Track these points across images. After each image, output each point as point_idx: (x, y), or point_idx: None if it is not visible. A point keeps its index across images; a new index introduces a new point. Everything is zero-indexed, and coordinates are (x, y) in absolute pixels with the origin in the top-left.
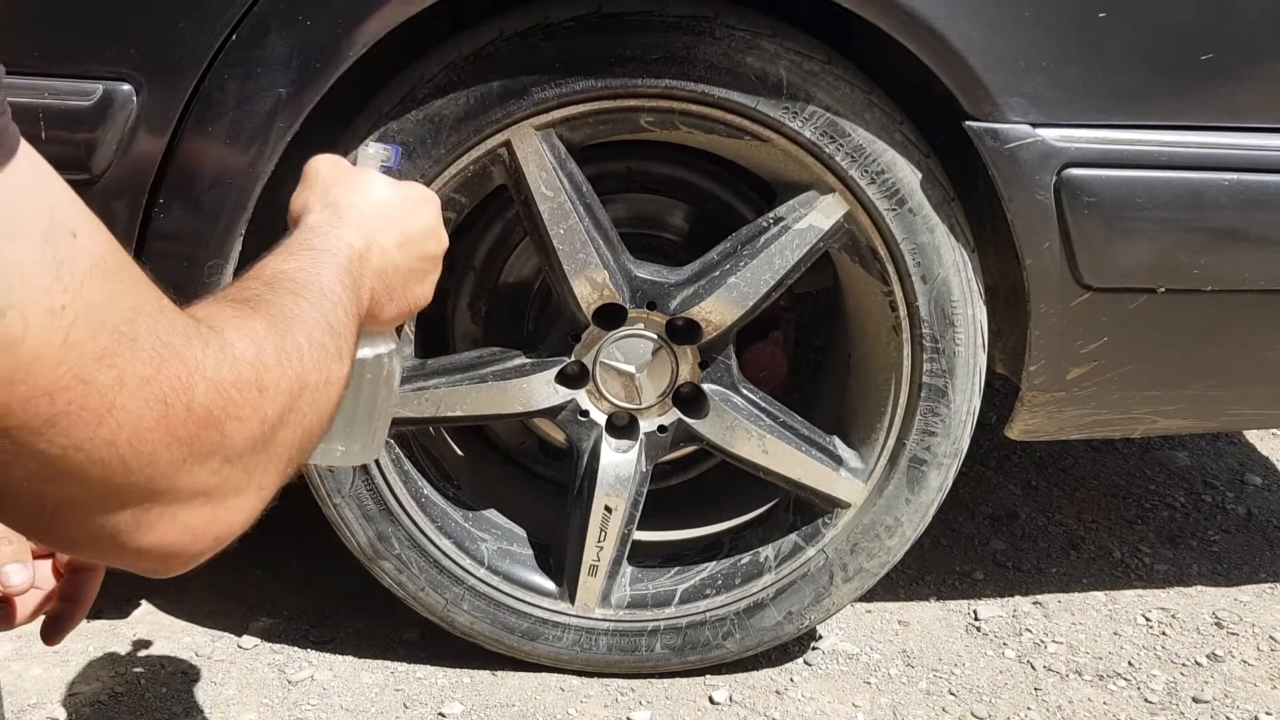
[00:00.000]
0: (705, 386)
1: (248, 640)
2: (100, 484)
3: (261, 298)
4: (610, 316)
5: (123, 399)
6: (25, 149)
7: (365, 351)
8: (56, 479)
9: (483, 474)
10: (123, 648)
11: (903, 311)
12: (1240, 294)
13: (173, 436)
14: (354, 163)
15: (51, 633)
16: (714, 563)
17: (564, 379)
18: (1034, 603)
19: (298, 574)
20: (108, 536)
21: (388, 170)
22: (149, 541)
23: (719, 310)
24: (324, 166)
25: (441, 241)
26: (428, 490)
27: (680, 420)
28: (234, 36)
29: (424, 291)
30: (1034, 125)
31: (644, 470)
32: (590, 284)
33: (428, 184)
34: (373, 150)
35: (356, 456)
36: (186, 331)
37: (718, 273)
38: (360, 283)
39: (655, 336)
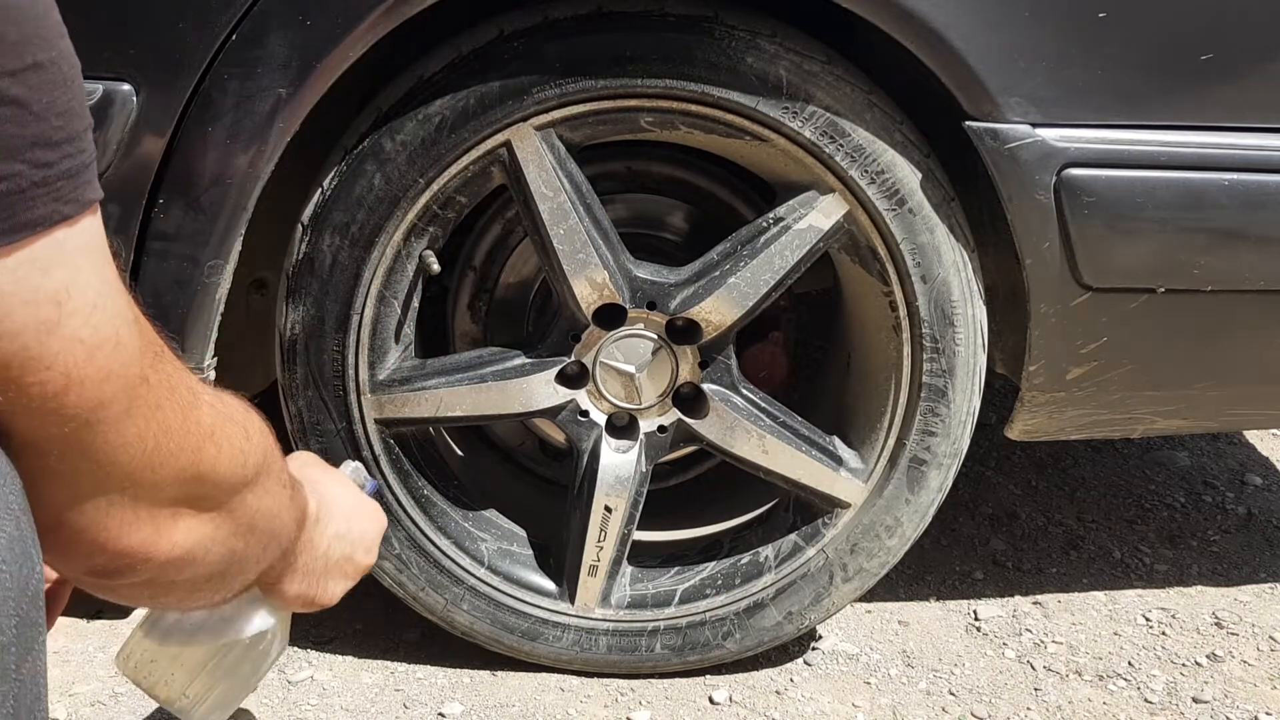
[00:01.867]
0: (705, 386)
1: None
2: (127, 477)
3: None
4: (610, 316)
5: (164, 399)
6: None
7: (257, 624)
8: (93, 473)
9: (483, 474)
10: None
11: (903, 311)
12: (1240, 294)
13: (186, 440)
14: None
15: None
16: (714, 563)
17: (564, 379)
18: (1034, 603)
19: None
20: (106, 535)
21: (361, 489)
22: (128, 543)
23: (719, 310)
24: (309, 456)
25: (371, 555)
26: (427, 490)
27: (680, 420)
28: (234, 36)
29: (335, 589)
30: (1034, 125)
31: (644, 470)
32: (590, 284)
33: (427, 185)
34: (355, 466)
35: (190, 704)
36: (186, 370)
37: (718, 273)
38: (296, 519)
39: (655, 336)
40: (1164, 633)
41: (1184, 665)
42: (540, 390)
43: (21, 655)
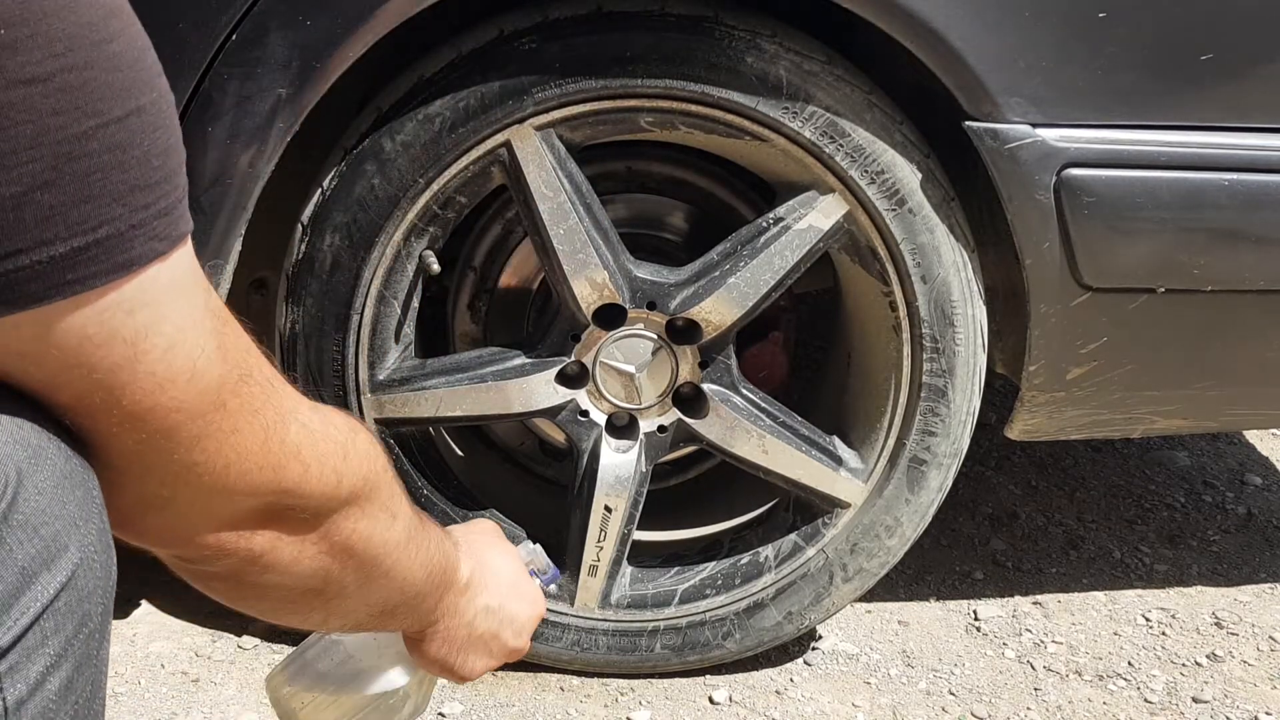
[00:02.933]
0: (705, 386)
1: (248, 640)
2: (204, 491)
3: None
4: (610, 317)
5: (242, 423)
6: None
7: (386, 681)
8: (172, 483)
9: (483, 474)
10: (123, 648)
11: (903, 311)
12: (1240, 294)
13: (266, 462)
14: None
15: None
16: (714, 563)
17: (564, 379)
18: (1034, 603)
19: None
20: (180, 531)
21: (533, 574)
22: (201, 540)
23: (719, 310)
24: (488, 525)
25: (521, 639)
26: (427, 491)
27: (680, 420)
28: (234, 36)
29: (475, 665)
30: (1034, 125)
31: (644, 470)
32: (590, 284)
33: (427, 185)
34: (535, 551)
35: None
36: (281, 380)
37: (718, 273)
38: (442, 582)
39: (655, 336)
40: (1164, 633)
41: (1184, 665)
42: (540, 390)
43: (101, 642)
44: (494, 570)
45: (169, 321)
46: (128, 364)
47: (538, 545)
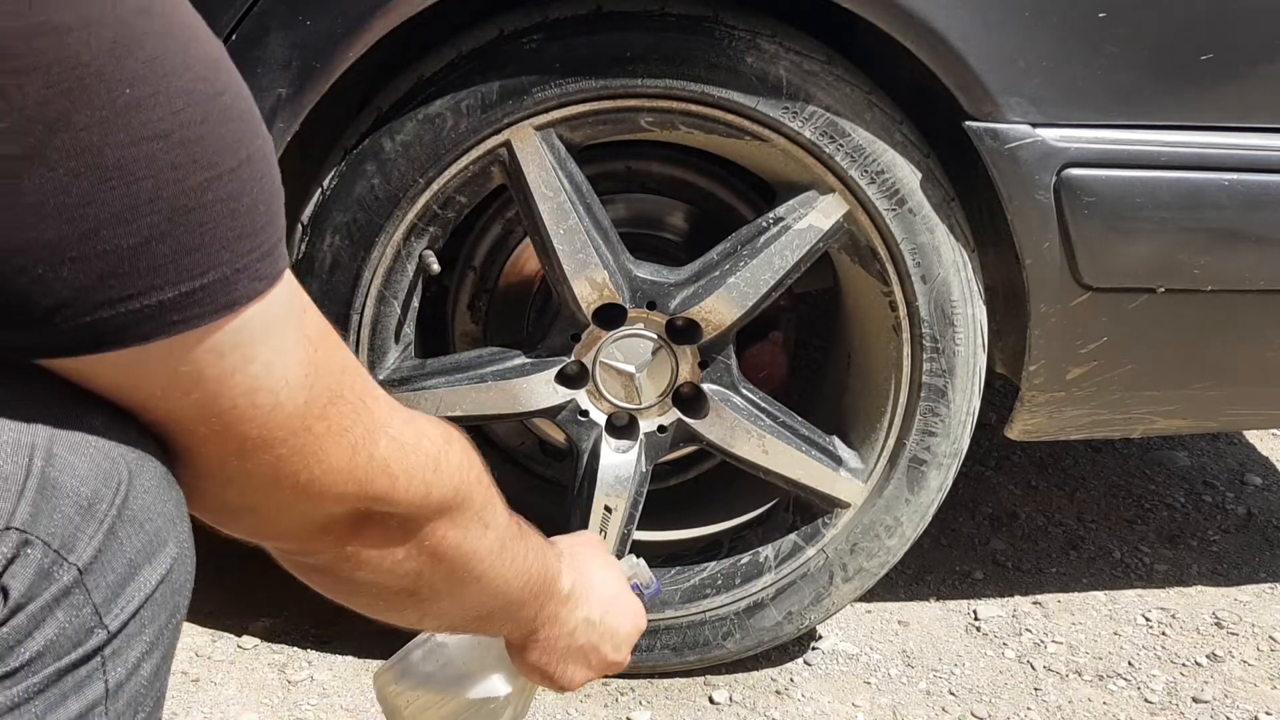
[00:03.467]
0: (705, 386)
1: (248, 640)
2: (289, 500)
3: (481, 460)
4: (610, 316)
5: (327, 444)
6: None
7: (488, 687)
8: (254, 493)
9: None
10: None
11: (902, 311)
12: (1240, 294)
13: (352, 475)
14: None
15: None
16: (714, 563)
17: (564, 379)
18: (1034, 603)
19: None
20: (268, 532)
21: (636, 587)
22: (291, 538)
23: (719, 310)
24: (592, 538)
25: (621, 653)
26: None
27: (680, 420)
28: (234, 36)
29: (573, 676)
30: (1034, 125)
31: (644, 470)
32: (590, 284)
33: (427, 185)
34: (639, 565)
35: None
36: (377, 394)
37: (717, 273)
38: (540, 591)
39: (655, 336)
40: (1164, 633)
41: (1184, 665)
42: (540, 390)
43: (179, 634)
44: (596, 583)
45: (257, 360)
46: (211, 399)
47: (640, 560)
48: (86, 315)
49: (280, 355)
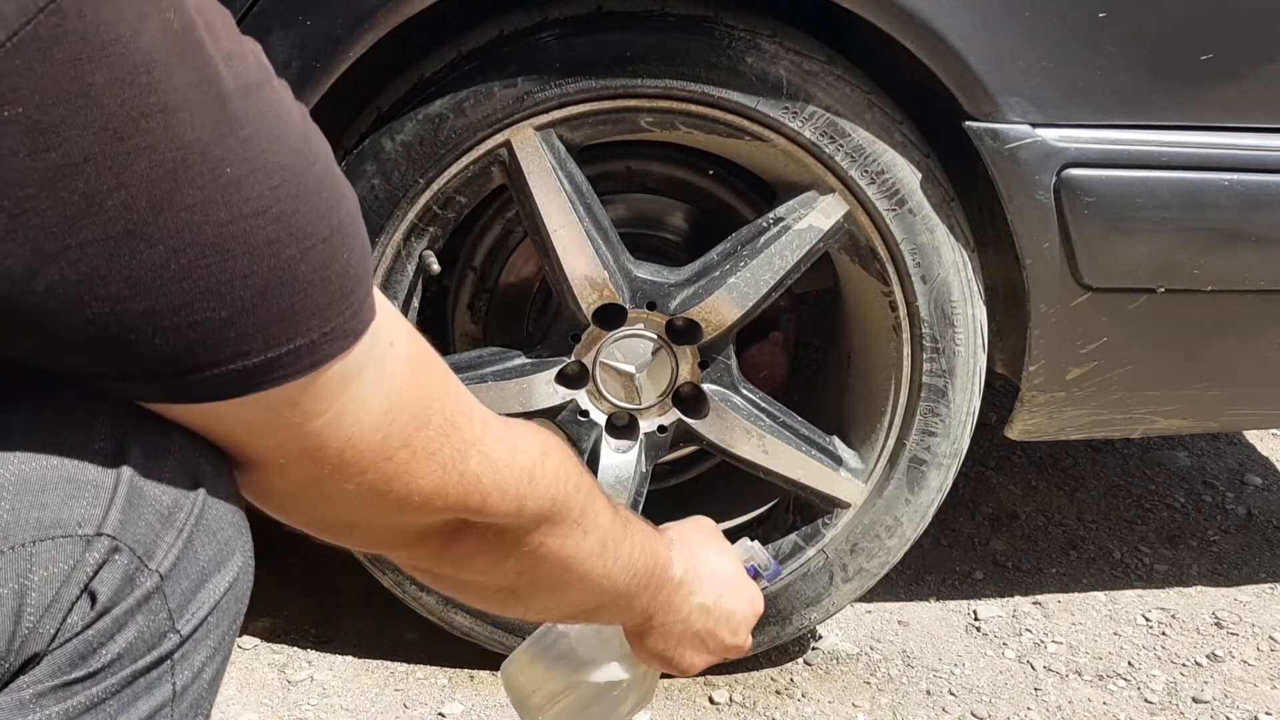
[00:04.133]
0: (705, 387)
1: (248, 640)
2: (380, 516)
3: (582, 463)
4: (610, 317)
5: (412, 468)
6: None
7: (610, 672)
8: (350, 511)
9: None
10: None
11: (903, 311)
12: (1240, 294)
13: (442, 494)
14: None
15: None
16: None
17: (564, 379)
18: (1034, 603)
19: (298, 574)
20: (365, 541)
21: (755, 571)
22: (389, 541)
23: (719, 310)
24: (706, 523)
25: (738, 637)
26: None
27: (680, 420)
28: None
29: (692, 660)
30: (1034, 125)
31: (644, 470)
32: (590, 284)
33: (427, 185)
34: (755, 548)
35: None
36: (470, 410)
37: (718, 273)
38: (651, 582)
39: (655, 336)
40: (1164, 633)
41: (1184, 665)
42: (540, 390)
43: (234, 642)
44: (709, 569)
45: (330, 410)
46: (283, 442)
47: (756, 543)
48: (171, 379)
49: (354, 402)
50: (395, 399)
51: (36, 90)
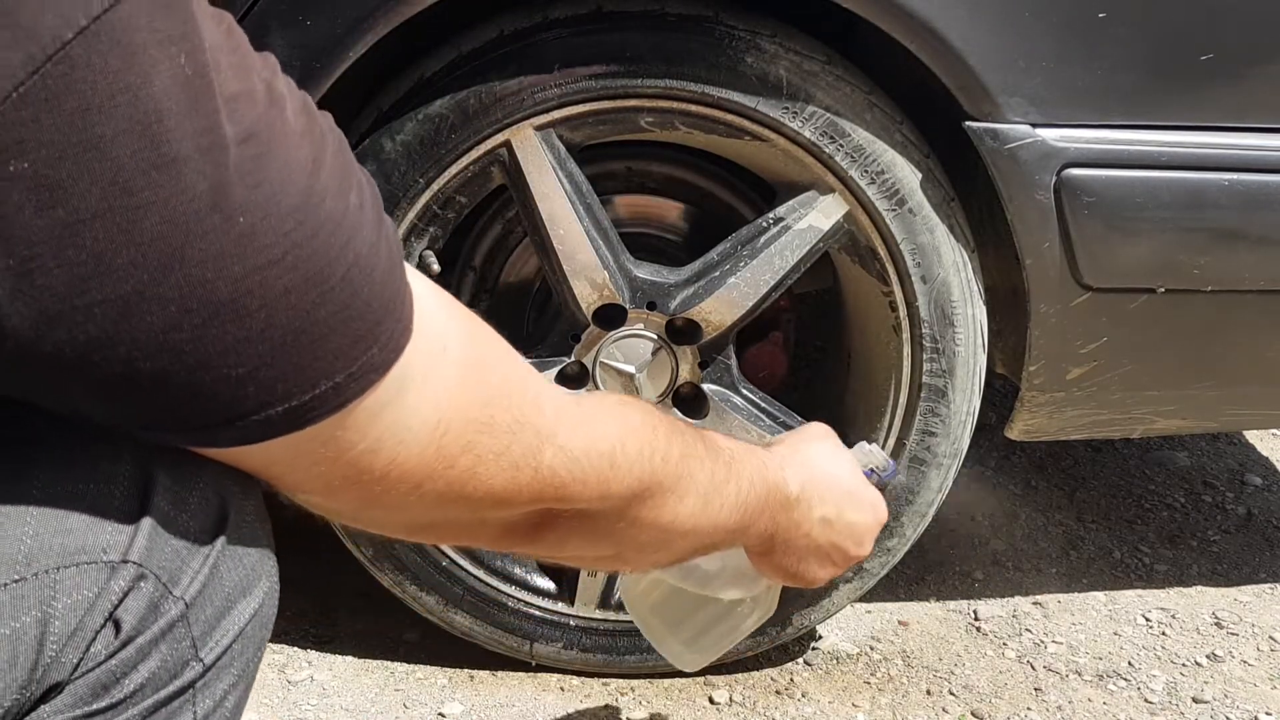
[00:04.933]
0: (705, 387)
1: None
2: (461, 516)
3: (672, 420)
4: (610, 317)
5: (479, 470)
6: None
7: (733, 589)
8: (430, 514)
9: None
10: None
11: (903, 312)
12: (1240, 294)
13: (518, 491)
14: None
15: None
16: None
17: (564, 379)
18: (1034, 603)
19: (297, 574)
20: (446, 539)
21: (873, 474)
22: (473, 543)
23: (719, 310)
24: (821, 429)
25: (862, 548)
26: None
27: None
28: None
29: (818, 574)
30: (1034, 125)
31: None
32: (590, 284)
33: (427, 185)
34: (872, 450)
35: (672, 651)
36: (541, 402)
37: (717, 273)
38: (765, 508)
39: (655, 337)
40: (1164, 633)
41: (1184, 665)
42: None
43: (258, 667)
44: (829, 481)
45: (367, 439)
46: (322, 475)
47: (872, 445)
48: (185, 432)
49: (396, 424)
50: (447, 409)
51: (44, 143)
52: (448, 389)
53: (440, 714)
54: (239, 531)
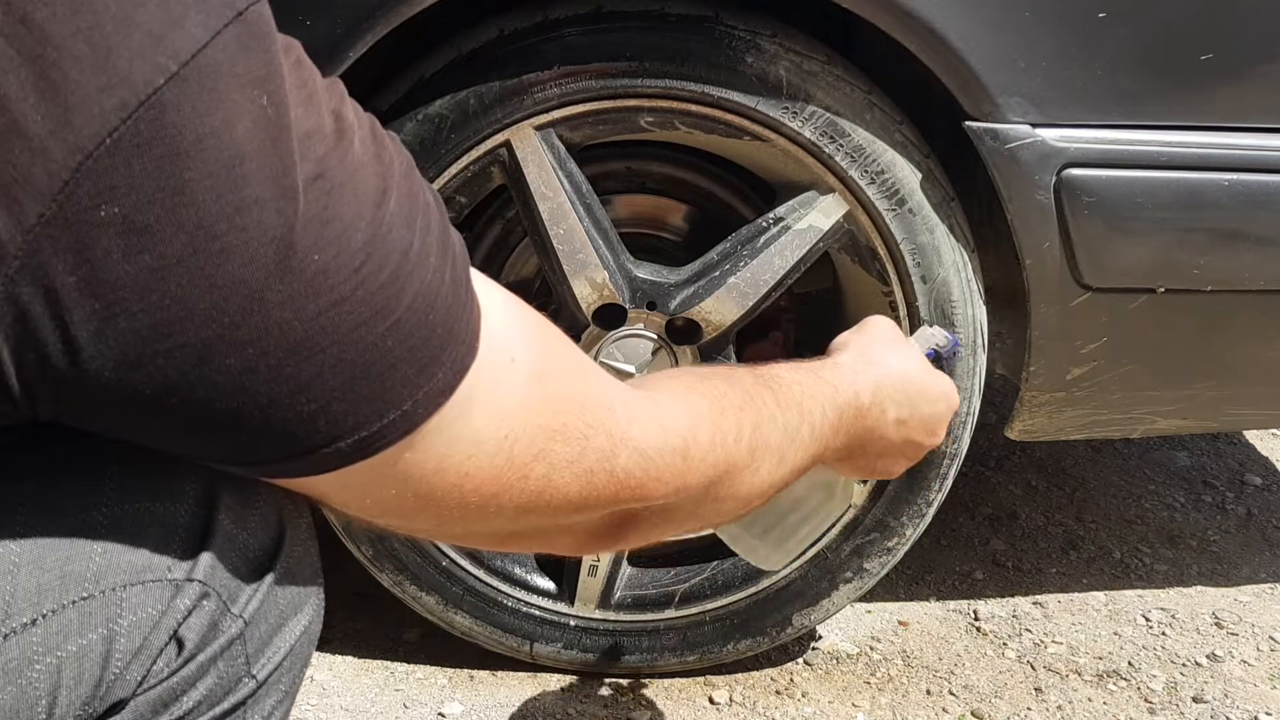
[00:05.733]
0: None
1: None
2: (534, 526)
3: (740, 384)
4: (610, 317)
5: (554, 478)
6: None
7: (812, 486)
8: (513, 523)
9: None
10: None
11: (903, 312)
12: (1240, 294)
13: (595, 496)
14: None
15: None
16: (714, 563)
17: None
18: (1034, 603)
19: None
20: (534, 546)
21: (936, 354)
22: (559, 550)
23: (719, 310)
24: (882, 324)
25: (935, 437)
26: None
27: None
28: None
29: (893, 469)
30: (1034, 125)
31: None
32: (590, 284)
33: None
34: (932, 332)
35: (758, 556)
36: (613, 404)
37: (717, 273)
38: (840, 427)
39: (655, 337)
40: (1164, 633)
41: (1184, 665)
42: None
43: (302, 681)
44: (897, 382)
45: (435, 458)
46: (393, 498)
47: (932, 327)
48: (255, 466)
49: (462, 440)
50: (516, 421)
51: (135, 188)
52: (516, 400)
53: (440, 714)
54: (293, 550)
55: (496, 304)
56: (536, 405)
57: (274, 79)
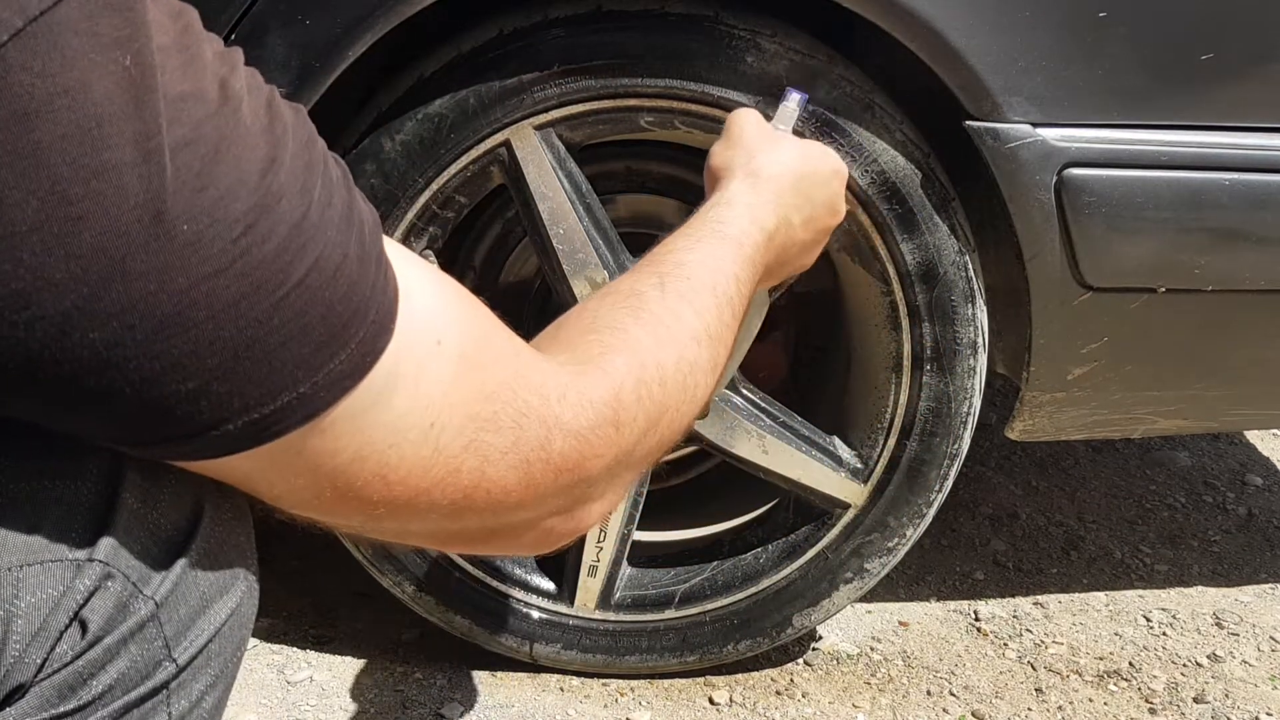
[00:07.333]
0: None
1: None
2: (477, 525)
3: (649, 309)
4: None
5: (488, 470)
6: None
7: (754, 319)
8: (446, 524)
9: None
10: None
11: (903, 311)
12: (1240, 294)
13: (533, 486)
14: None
15: None
16: (714, 563)
17: None
18: (1034, 603)
19: (296, 574)
20: (486, 546)
21: (796, 122)
22: (514, 548)
23: None
24: (748, 127)
25: (838, 214)
26: None
27: None
28: (233, 36)
29: (808, 261)
30: (1034, 125)
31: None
32: (590, 284)
33: (427, 184)
34: (788, 105)
35: None
36: (545, 387)
37: None
38: (755, 270)
39: None
40: (1164, 633)
41: (1184, 665)
42: None
43: (239, 665)
44: (790, 185)
45: (349, 448)
46: (308, 487)
47: (787, 96)
48: (139, 446)
49: (380, 430)
50: (442, 409)
51: None
52: (443, 386)
53: (440, 714)
54: (214, 530)
55: (423, 283)
56: (466, 392)
57: (139, 39)
